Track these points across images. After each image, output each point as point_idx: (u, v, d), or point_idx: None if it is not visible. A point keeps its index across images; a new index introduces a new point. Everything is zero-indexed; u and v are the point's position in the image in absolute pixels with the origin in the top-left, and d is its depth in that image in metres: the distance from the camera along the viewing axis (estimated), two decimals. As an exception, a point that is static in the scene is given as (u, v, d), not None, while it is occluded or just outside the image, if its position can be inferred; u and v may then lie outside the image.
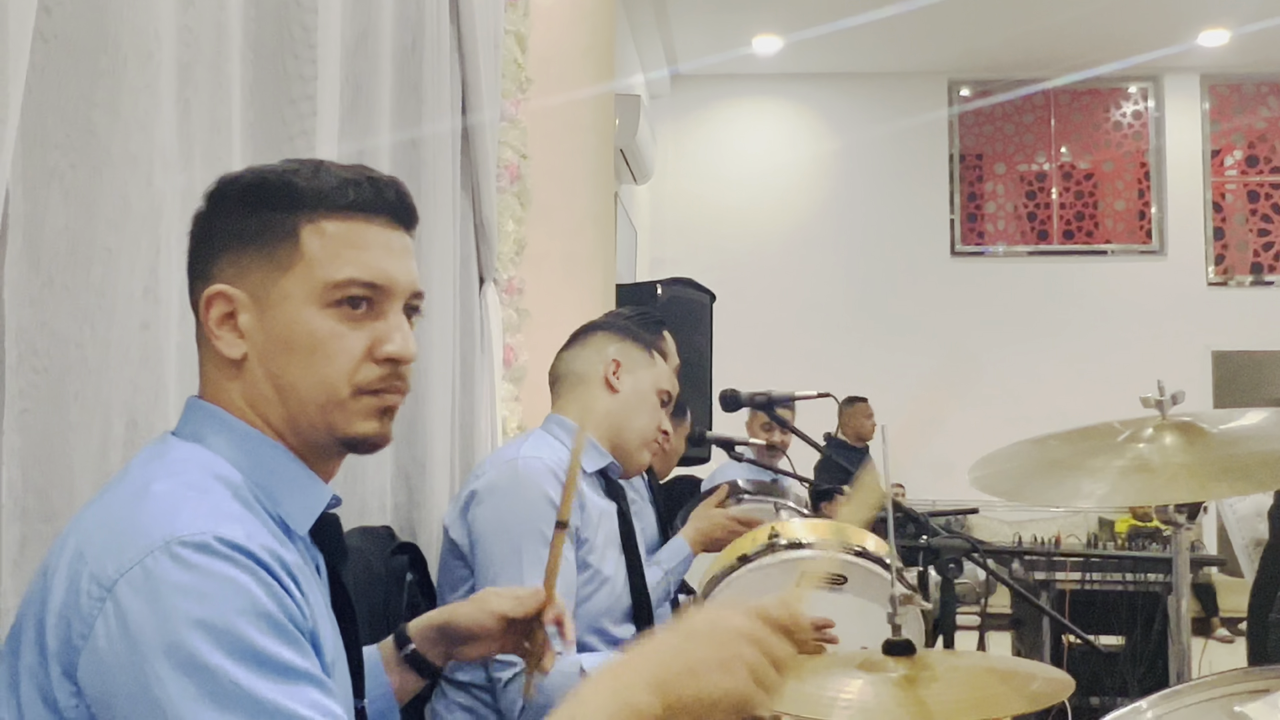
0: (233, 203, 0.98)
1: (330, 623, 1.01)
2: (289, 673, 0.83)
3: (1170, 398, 1.38)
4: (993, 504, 4.83)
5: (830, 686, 1.24)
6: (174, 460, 0.94)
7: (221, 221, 0.99)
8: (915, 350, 8.32)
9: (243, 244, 0.97)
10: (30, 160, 1.07)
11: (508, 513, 1.75)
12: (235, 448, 0.96)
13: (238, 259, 0.97)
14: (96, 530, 0.87)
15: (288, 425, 0.98)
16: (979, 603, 4.42)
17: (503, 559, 1.72)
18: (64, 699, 0.83)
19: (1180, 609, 1.40)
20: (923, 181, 8.80)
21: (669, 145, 8.54)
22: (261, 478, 0.96)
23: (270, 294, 0.96)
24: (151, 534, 0.84)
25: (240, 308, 0.97)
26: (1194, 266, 8.64)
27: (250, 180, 0.99)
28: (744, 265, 8.35)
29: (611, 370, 1.93)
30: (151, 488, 0.90)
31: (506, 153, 2.93)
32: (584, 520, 1.80)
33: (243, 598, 0.83)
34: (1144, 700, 1.19)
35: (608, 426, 1.92)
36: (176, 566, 0.82)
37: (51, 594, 0.85)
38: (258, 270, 0.97)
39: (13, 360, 1.05)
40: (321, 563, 1.04)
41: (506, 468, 1.80)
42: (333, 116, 1.71)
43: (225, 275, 0.97)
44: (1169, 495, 1.31)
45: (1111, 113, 8.88)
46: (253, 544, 0.86)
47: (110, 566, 0.83)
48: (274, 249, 0.96)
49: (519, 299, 2.98)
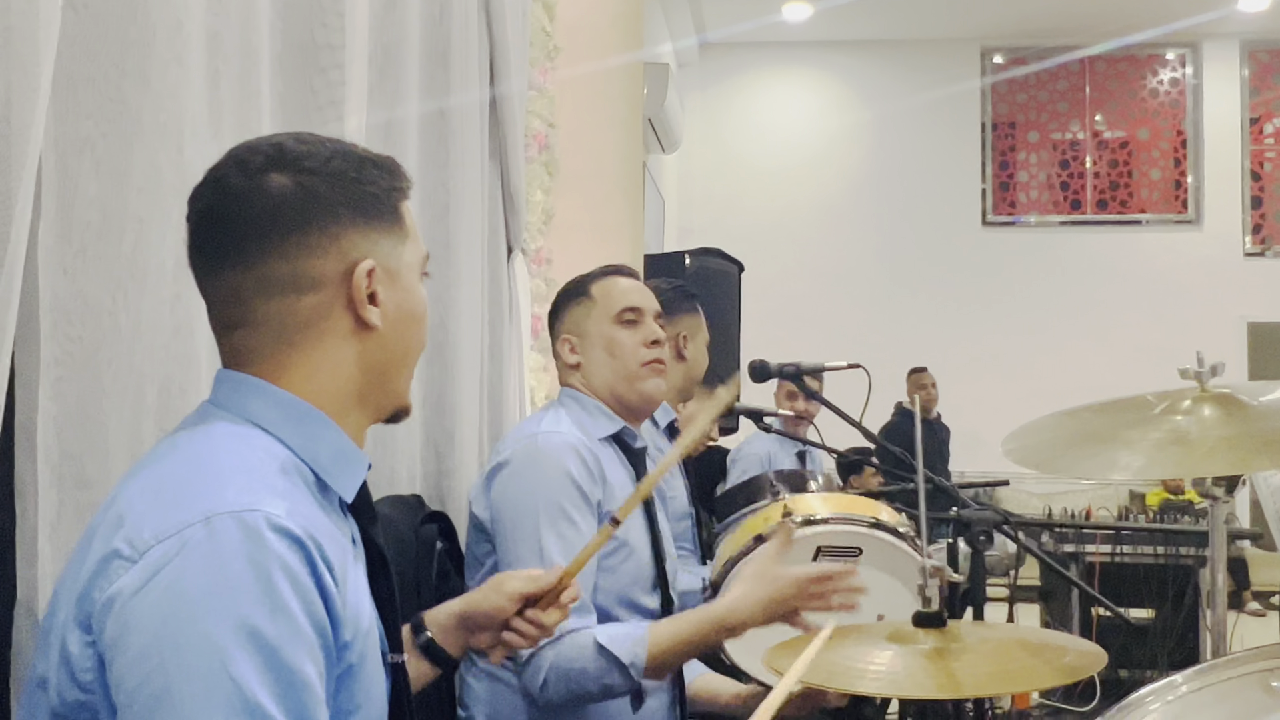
0: (349, 178, 1.00)
1: (367, 589, 1.01)
2: (292, 681, 0.83)
3: (1210, 369, 1.35)
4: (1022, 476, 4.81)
5: (860, 657, 1.24)
6: (220, 434, 0.95)
7: (341, 194, 0.99)
8: (946, 321, 8.27)
9: (368, 218, 1.00)
10: (62, 130, 1.07)
11: (528, 489, 1.75)
12: (286, 420, 0.97)
13: (367, 233, 1.00)
14: (139, 498, 0.88)
15: (367, 396, 1.02)
16: (1008, 574, 4.40)
17: (523, 535, 1.72)
18: (76, 648, 0.84)
19: (1216, 583, 1.38)
20: (954, 150, 8.69)
21: (697, 114, 8.48)
22: (312, 450, 0.97)
23: (399, 267, 1.02)
24: (195, 507, 0.85)
25: (377, 280, 1.00)
26: (1230, 236, 8.50)
27: (352, 155, 1.02)
28: (773, 235, 8.30)
29: (568, 350, 1.94)
30: (199, 460, 0.90)
31: (534, 122, 2.91)
32: (606, 494, 1.80)
33: (266, 590, 0.83)
34: (1179, 675, 1.18)
35: (602, 398, 1.92)
36: (211, 544, 0.83)
37: (88, 556, 0.87)
38: (385, 244, 1.01)
39: (47, 328, 1.05)
40: (356, 529, 1.05)
41: (527, 443, 1.80)
42: (361, 86, 1.70)
43: (360, 249, 0.99)
44: (1208, 468, 1.29)
45: (1148, 80, 8.72)
46: (293, 522, 0.86)
47: (148, 532, 0.84)
48: (390, 224, 1.02)
49: (547, 269, 2.98)
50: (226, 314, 0.99)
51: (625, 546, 1.82)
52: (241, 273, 0.97)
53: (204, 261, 1.00)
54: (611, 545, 1.81)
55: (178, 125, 1.22)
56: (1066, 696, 4.37)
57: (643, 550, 1.85)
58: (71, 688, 0.84)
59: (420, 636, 1.28)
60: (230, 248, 0.97)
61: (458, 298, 2.23)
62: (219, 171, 0.99)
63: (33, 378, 1.04)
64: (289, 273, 0.97)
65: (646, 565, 1.85)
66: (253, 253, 0.97)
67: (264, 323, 0.98)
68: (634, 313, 1.93)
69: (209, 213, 0.98)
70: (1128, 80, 8.73)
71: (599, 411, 1.90)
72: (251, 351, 0.99)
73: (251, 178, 0.97)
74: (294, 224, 0.97)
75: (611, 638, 1.63)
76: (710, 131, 8.63)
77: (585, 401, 1.91)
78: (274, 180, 0.97)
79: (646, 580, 1.84)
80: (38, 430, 1.04)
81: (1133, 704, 1.16)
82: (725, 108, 8.72)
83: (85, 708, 0.84)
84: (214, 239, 0.98)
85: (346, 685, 0.92)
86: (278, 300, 0.97)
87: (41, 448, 1.05)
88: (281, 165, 0.97)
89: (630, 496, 1.31)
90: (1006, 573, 4.26)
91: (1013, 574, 3.85)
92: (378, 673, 1.00)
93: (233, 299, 0.98)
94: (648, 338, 1.92)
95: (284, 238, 0.97)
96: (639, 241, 3.78)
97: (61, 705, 0.85)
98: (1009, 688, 1.17)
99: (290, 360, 0.98)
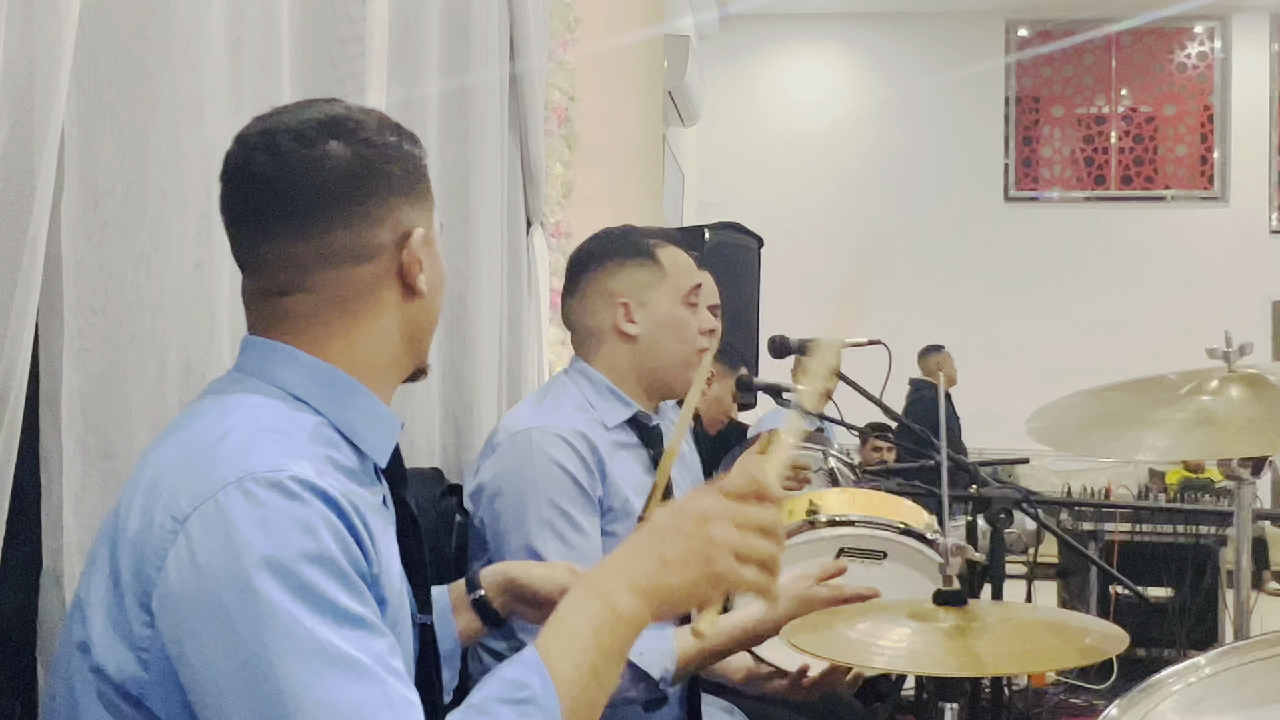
0: (395, 148, 1.01)
1: (397, 551, 1.01)
2: (350, 619, 0.84)
3: (1238, 349, 1.34)
4: (1042, 454, 4.78)
5: (880, 634, 1.24)
6: (249, 399, 0.95)
7: (390, 164, 1.00)
8: (967, 297, 8.21)
9: (415, 188, 1.02)
10: (85, 100, 1.07)
11: (518, 491, 1.64)
12: (317, 385, 0.97)
13: (414, 202, 1.02)
14: (171, 466, 0.89)
15: (401, 360, 1.04)
16: (1026, 552, 4.39)
17: (518, 536, 1.63)
18: (137, 628, 0.85)
19: (1241, 563, 1.37)
20: (977, 125, 8.61)
21: (718, 87, 8.42)
22: (343, 415, 0.98)
23: (433, 235, 1.04)
24: (226, 470, 0.86)
25: (416, 247, 1.01)
26: (1257, 213, 8.40)
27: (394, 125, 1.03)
28: (793, 209, 8.25)
29: (622, 316, 1.74)
30: (227, 425, 0.91)
31: (554, 95, 2.90)
32: (606, 489, 1.69)
33: (310, 539, 0.84)
34: (1202, 656, 1.17)
35: (637, 373, 1.76)
36: (248, 502, 0.84)
37: (125, 528, 0.87)
38: (423, 214, 1.03)
39: (71, 299, 1.06)
40: (388, 491, 1.05)
41: (519, 440, 1.67)
42: (381, 58, 1.70)
43: (410, 218, 1.01)
44: (1236, 449, 1.27)
45: (1175, 54, 8.60)
46: (324, 482, 0.87)
47: (184, 500, 0.85)
48: (427, 193, 1.05)
49: (566, 243, 2.97)
50: (277, 279, 0.98)
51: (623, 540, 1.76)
52: (301, 241, 0.97)
53: (256, 227, 0.98)
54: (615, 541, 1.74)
55: (199, 97, 1.21)
56: (1083, 674, 4.37)
57: None
58: (132, 664, 0.85)
59: (474, 593, 1.29)
60: (290, 215, 0.97)
61: (477, 271, 2.23)
62: (269, 137, 0.97)
63: (56, 349, 1.05)
64: (350, 242, 0.98)
65: None
66: (315, 221, 0.97)
67: (321, 290, 0.98)
68: (698, 294, 1.78)
69: (262, 179, 0.97)
70: (1154, 54, 8.61)
71: (611, 395, 1.74)
72: (302, 317, 0.98)
73: (309, 146, 0.97)
74: (355, 194, 0.98)
75: (641, 652, 1.52)
76: (731, 105, 8.57)
77: (597, 381, 1.75)
78: (333, 149, 0.97)
79: None
80: (62, 401, 1.05)
81: (1155, 685, 1.15)
82: (746, 81, 8.65)
83: (136, 684, 0.85)
84: (269, 205, 0.97)
85: None
86: (337, 269, 0.98)
87: (66, 419, 1.05)
88: (339, 134, 0.98)
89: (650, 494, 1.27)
90: (1025, 550, 4.26)
91: (1032, 552, 3.85)
92: (406, 635, 1.01)
93: (289, 265, 0.97)
94: (704, 325, 1.78)
95: (347, 207, 0.97)
96: (658, 215, 3.77)
97: (113, 672, 0.86)
98: (1030, 667, 1.17)
99: (341, 328, 0.99)
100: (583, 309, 1.78)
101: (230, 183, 0.99)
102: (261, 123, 0.99)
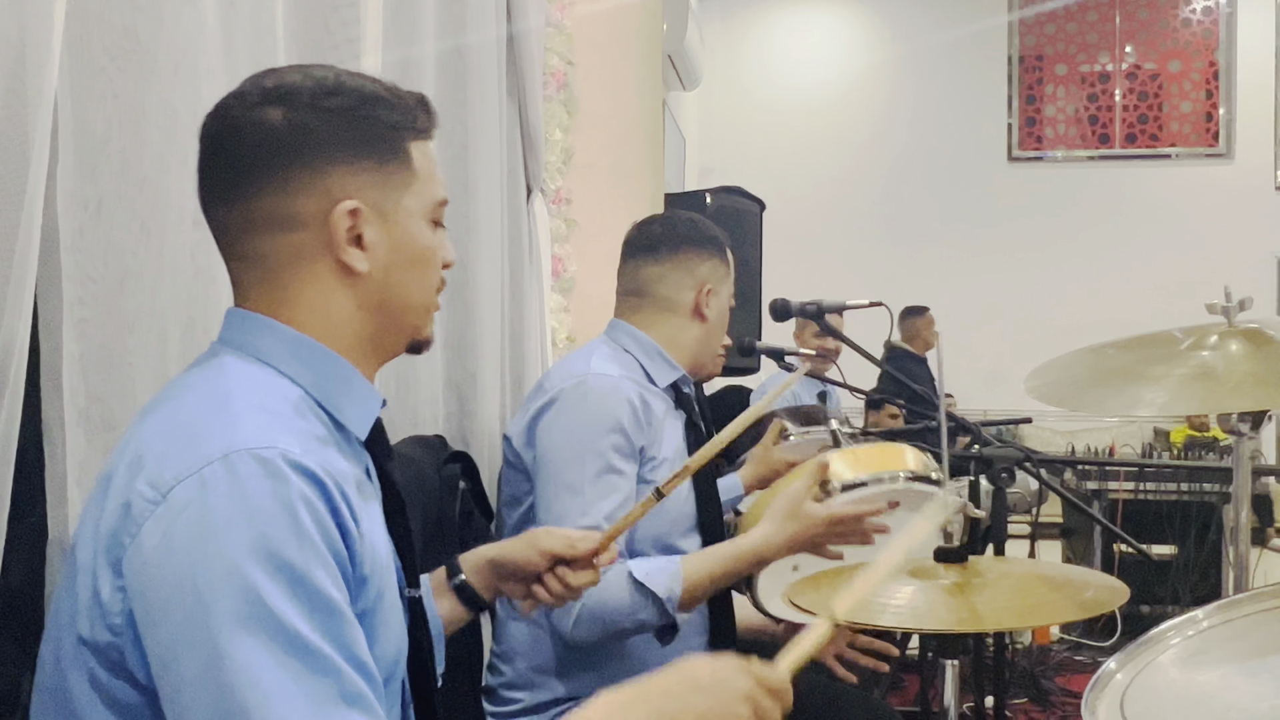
0: (342, 114, 0.97)
1: (383, 524, 1.02)
2: (320, 605, 0.84)
3: (1238, 303, 1.33)
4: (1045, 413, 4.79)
5: (882, 592, 1.25)
6: (232, 372, 0.95)
7: (330, 131, 0.96)
8: (970, 258, 8.18)
9: (358, 158, 0.97)
10: (78, 69, 1.06)
11: (573, 432, 1.72)
12: (295, 358, 0.97)
13: (355, 173, 0.97)
14: (158, 438, 0.89)
15: (374, 336, 1.01)
16: (1030, 512, 4.41)
17: (566, 479, 1.70)
18: (106, 591, 0.85)
19: (1240, 519, 1.38)
20: (980, 84, 8.53)
21: (718, 50, 8.34)
22: (323, 387, 0.97)
23: (395, 210, 0.99)
24: (212, 445, 0.86)
25: (364, 222, 0.97)
26: (1262, 170, 8.33)
27: (357, 90, 0.98)
28: (794, 172, 8.20)
29: (705, 295, 1.90)
30: (214, 399, 0.91)
31: (553, 59, 2.88)
32: (650, 439, 1.77)
33: (291, 521, 0.84)
34: (1200, 610, 1.18)
35: (694, 351, 1.91)
36: (230, 479, 0.84)
37: (109, 496, 0.88)
38: (379, 185, 0.98)
39: (70, 267, 1.06)
40: (371, 464, 1.05)
41: (576, 384, 1.76)
42: (376, 23, 1.68)
43: (347, 189, 0.97)
44: (1234, 403, 1.27)
45: (1180, 9, 8.50)
46: (310, 459, 0.87)
47: (169, 473, 0.85)
48: (392, 165, 0.99)
49: (567, 209, 2.96)
50: (221, 246, 1.00)
51: None
52: (229, 207, 0.97)
53: (202, 193, 1.00)
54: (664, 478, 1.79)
55: (193, 64, 1.21)
56: (1087, 632, 4.40)
57: (684, 494, 1.84)
58: (102, 630, 0.86)
59: (455, 578, 1.29)
60: (223, 180, 0.97)
61: (477, 239, 2.22)
62: (224, 101, 0.98)
63: (56, 320, 1.05)
64: (271, 210, 0.96)
65: (685, 509, 1.84)
66: (241, 186, 0.96)
67: (251, 258, 0.98)
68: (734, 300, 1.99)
69: (208, 143, 0.98)
70: (1159, 10, 8.51)
71: (660, 357, 1.87)
72: (246, 286, 0.99)
73: (248, 110, 0.96)
74: (280, 160, 0.96)
75: (647, 573, 1.63)
76: (731, 68, 8.49)
77: (646, 344, 1.87)
78: (267, 114, 0.95)
79: (683, 525, 1.84)
80: (63, 372, 1.05)
81: (1153, 639, 1.16)
82: (747, 43, 8.57)
83: (114, 648, 0.86)
84: (210, 171, 0.98)
85: (366, 620, 0.93)
86: (262, 237, 0.97)
87: (67, 390, 1.06)
88: (277, 99, 0.96)
89: (679, 471, 1.31)
90: (1029, 510, 4.27)
91: (1035, 511, 3.86)
92: (395, 608, 1.01)
93: (223, 231, 0.99)
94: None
95: (270, 174, 0.96)
96: (659, 180, 3.75)
97: (91, 639, 0.87)
98: (1030, 622, 1.18)
99: (284, 298, 0.98)
100: (665, 276, 1.91)
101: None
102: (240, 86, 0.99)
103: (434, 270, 1.04)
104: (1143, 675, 1.12)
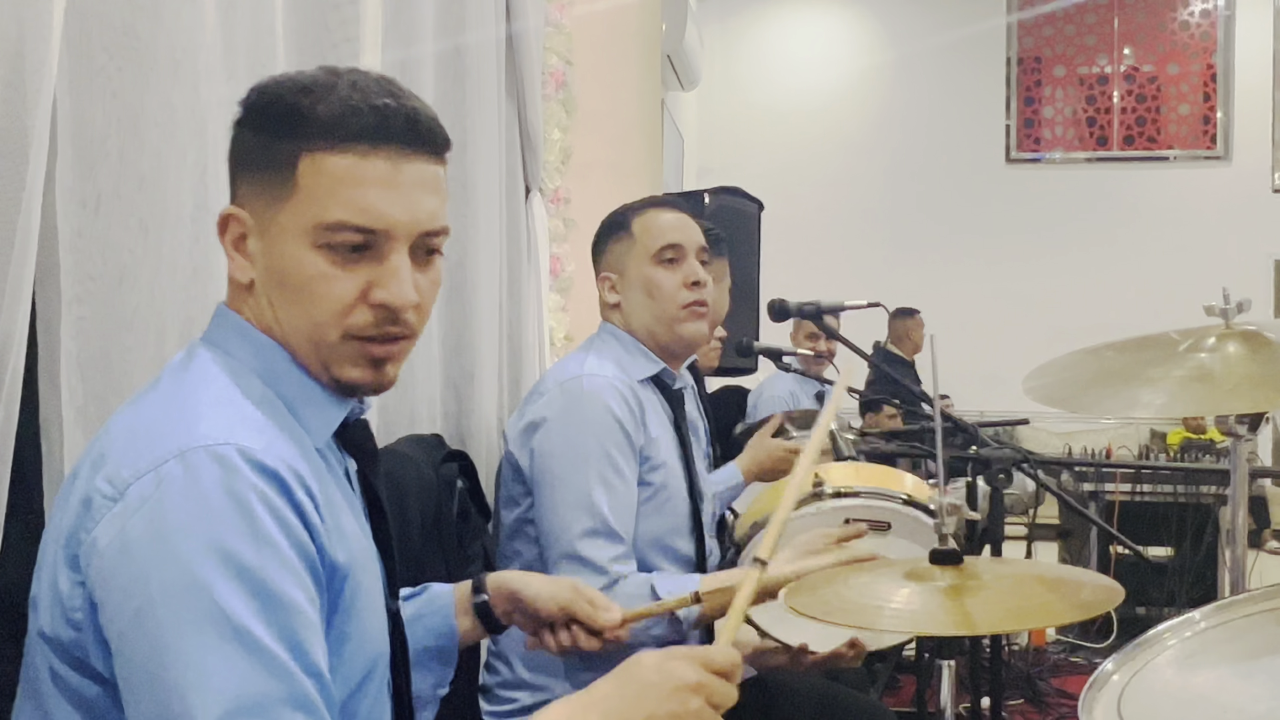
0: (248, 120, 0.97)
1: (361, 527, 1.01)
2: (275, 603, 0.83)
3: (1236, 305, 1.33)
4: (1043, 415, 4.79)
5: (877, 595, 1.24)
6: (200, 370, 0.95)
7: (241, 137, 0.97)
8: (968, 259, 8.19)
9: (251, 167, 0.96)
10: (76, 66, 1.06)
11: (574, 436, 1.72)
12: (256, 357, 0.97)
13: (249, 181, 0.96)
14: (120, 435, 0.89)
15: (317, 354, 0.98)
16: (1027, 513, 4.41)
17: (571, 485, 1.69)
18: (66, 587, 0.85)
19: (1237, 521, 1.38)
20: (978, 86, 8.53)
21: (717, 50, 8.34)
22: (280, 388, 0.97)
23: (270, 224, 0.94)
24: (170, 442, 0.86)
25: (249, 232, 0.96)
26: (1259, 173, 8.34)
27: (261, 99, 0.96)
28: (793, 173, 8.20)
29: (608, 288, 1.89)
30: (176, 396, 0.91)
31: (552, 59, 2.87)
32: (647, 438, 1.77)
33: (246, 519, 0.84)
34: (1197, 611, 1.18)
35: (641, 338, 1.87)
36: (187, 477, 0.84)
37: (73, 492, 0.88)
38: (261, 197, 0.95)
39: (68, 265, 1.06)
40: (353, 467, 1.05)
41: (570, 387, 1.76)
42: (375, 22, 1.68)
43: (240, 196, 0.97)
44: (1231, 405, 1.28)
45: (1179, 12, 8.51)
46: (270, 456, 0.87)
47: (127, 470, 0.85)
48: (273, 177, 0.93)
49: (565, 208, 2.96)
50: None
51: (664, 490, 1.80)
52: None
53: None
54: (650, 491, 1.78)
55: (192, 62, 1.20)
56: (1083, 633, 4.40)
57: (680, 494, 1.83)
58: (63, 625, 0.86)
59: (478, 596, 1.29)
60: None
61: (476, 238, 2.22)
62: None
63: (54, 317, 1.05)
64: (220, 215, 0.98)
65: (684, 510, 1.83)
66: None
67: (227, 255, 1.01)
68: (674, 250, 1.84)
69: None
70: (1157, 12, 8.52)
71: (638, 351, 1.86)
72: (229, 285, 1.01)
73: None
74: (230, 168, 0.99)
75: (669, 590, 1.60)
76: (730, 68, 8.49)
77: (625, 340, 1.87)
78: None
79: (684, 525, 1.83)
80: (61, 370, 1.05)
81: (1150, 640, 1.16)
82: (746, 43, 8.57)
83: (76, 644, 0.86)
84: None
85: (343, 614, 0.93)
86: None
87: (65, 387, 1.05)
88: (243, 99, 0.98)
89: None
90: (1025, 511, 4.27)
91: (1032, 513, 3.87)
92: (377, 611, 1.00)
93: None
94: (689, 278, 1.83)
95: (230, 180, 0.99)
96: (658, 180, 3.75)
97: (53, 635, 0.87)
98: (1025, 624, 1.18)
99: (246, 299, 0.98)
100: (598, 289, 1.93)
101: None
102: None
103: (314, 300, 0.93)
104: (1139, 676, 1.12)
